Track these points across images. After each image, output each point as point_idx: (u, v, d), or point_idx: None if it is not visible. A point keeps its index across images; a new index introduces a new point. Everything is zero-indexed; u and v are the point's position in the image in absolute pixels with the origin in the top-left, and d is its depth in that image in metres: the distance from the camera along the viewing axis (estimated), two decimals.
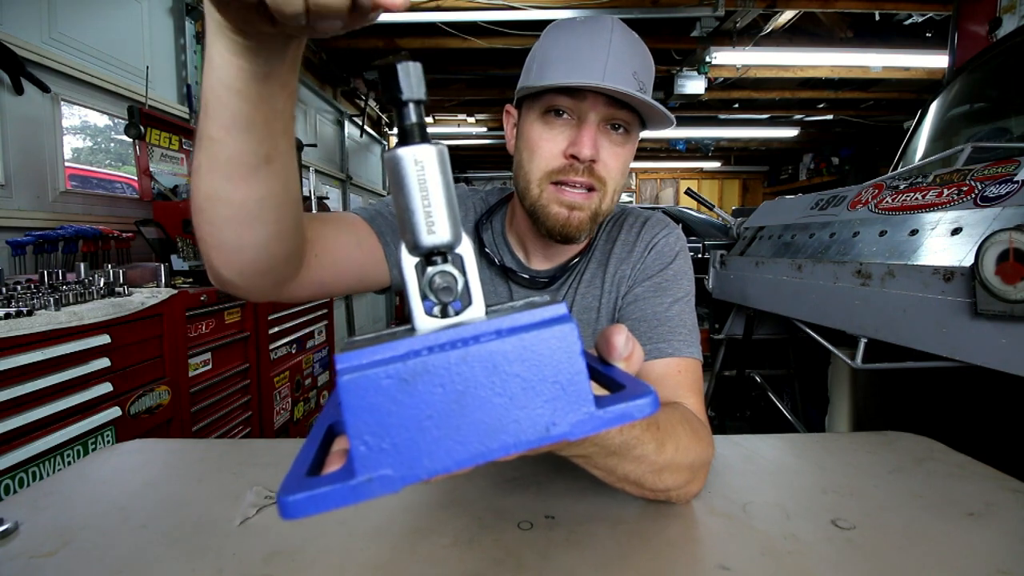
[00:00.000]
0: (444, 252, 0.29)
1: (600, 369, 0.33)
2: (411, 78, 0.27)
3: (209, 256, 0.52)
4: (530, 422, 0.25)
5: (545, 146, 0.70)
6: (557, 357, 0.25)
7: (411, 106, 0.28)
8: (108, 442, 1.41)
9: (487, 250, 0.82)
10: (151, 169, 2.21)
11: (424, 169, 0.27)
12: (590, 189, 0.70)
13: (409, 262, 0.29)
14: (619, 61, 0.65)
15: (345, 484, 0.23)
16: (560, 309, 0.26)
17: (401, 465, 0.24)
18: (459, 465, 0.24)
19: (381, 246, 0.74)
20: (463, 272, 0.29)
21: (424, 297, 0.28)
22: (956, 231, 1.22)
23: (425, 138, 0.28)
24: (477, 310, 0.29)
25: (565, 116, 0.69)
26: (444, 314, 0.28)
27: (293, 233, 0.55)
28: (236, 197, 0.47)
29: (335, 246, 0.68)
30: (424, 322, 0.28)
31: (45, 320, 1.21)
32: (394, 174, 0.28)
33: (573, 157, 0.68)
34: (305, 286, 0.64)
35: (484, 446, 0.24)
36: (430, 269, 0.28)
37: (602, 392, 0.29)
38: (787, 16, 3.80)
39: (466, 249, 0.29)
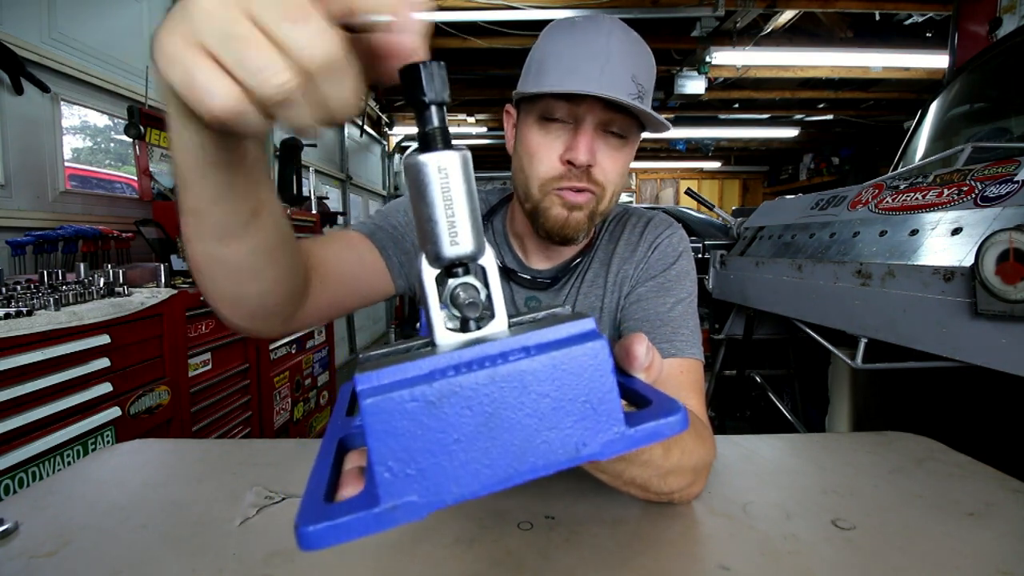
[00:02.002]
0: (466, 263, 0.27)
1: (621, 381, 0.32)
2: (435, 79, 0.26)
3: (216, 307, 0.53)
4: (560, 443, 0.24)
5: (542, 152, 0.70)
6: (588, 375, 0.24)
7: (434, 109, 0.26)
8: (108, 442, 1.41)
9: None
10: (151, 169, 2.21)
11: (448, 177, 0.26)
12: (588, 192, 0.70)
13: (429, 274, 0.27)
14: (617, 65, 0.65)
15: (369, 512, 0.22)
16: (589, 324, 0.25)
17: (427, 491, 0.22)
18: (487, 489, 0.23)
19: (383, 259, 0.75)
20: (486, 284, 0.28)
21: (444, 309, 0.27)
22: (956, 231, 1.22)
23: (448, 143, 0.26)
24: (500, 324, 0.27)
25: (561, 121, 0.69)
26: (465, 328, 0.27)
27: (292, 273, 0.55)
28: (231, 256, 0.46)
29: (338, 269, 0.69)
30: (446, 337, 0.27)
31: (45, 320, 1.21)
32: (416, 182, 0.26)
33: (569, 163, 0.68)
34: (313, 313, 0.64)
35: (513, 469, 0.23)
36: (452, 281, 0.27)
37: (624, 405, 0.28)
38: (787, 16, 3.80)
39: (489, 260, 0.28)
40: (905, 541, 0.53)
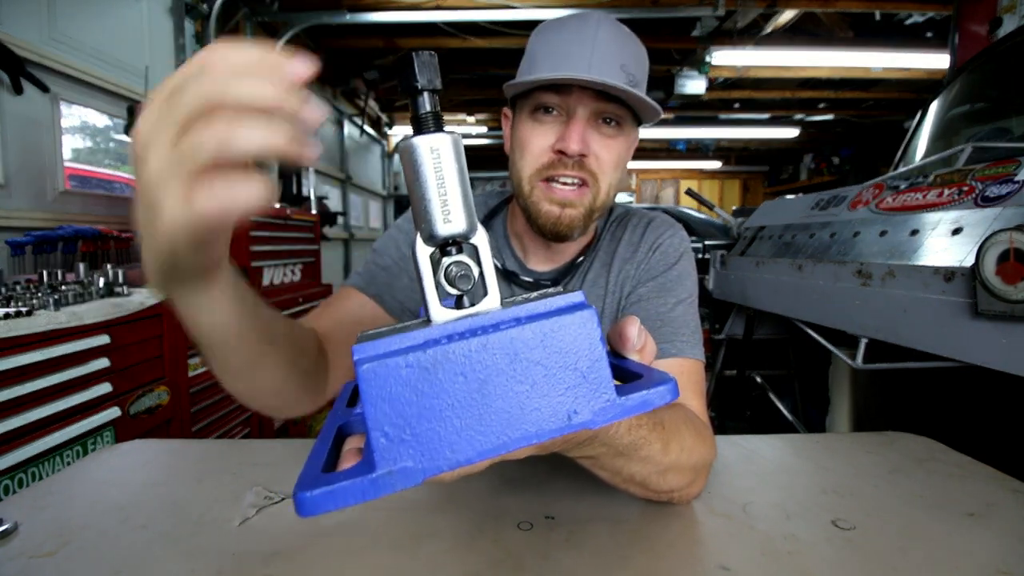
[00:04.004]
0: (459, 242, 0.28)
1: (614, 361, 0.32)
2: (426, 68, 0.27)
3: (250, 408, 0.60)
4: (551, 411, 0.24)
5: (534, 142, 0.70)
6: (578, 344, 0.25)
7: (426, 95, 0.27)
8: (108, 442, 1.41)
9: None
10: None
11: (440, 158, 0.27)
12: (582, 184, 0.70)
13: (424, 252, 0.28)
14: (605, 54, 0.65)
15: (365, 478, 0.22)
16: (578, 296, 0.26)
17: (422, 457, 0.23)
18: (481, 456, 0.24)
19: (382, 308, 0.77)
20: (478, 262, 0.29)
21: (438, 287, 0.28)
22: (957, 231, 1.22)
23: (440, 127, 0.27)
24: (493, 300, 0.28)
25: (554, 112, 0.69)
26: (459, 305, 0.28)
27: (313, 370, 0.61)
28: (255, 382, 0.53)
29: (343, 337, 0.72)
30: (440, 313, 0.27)
31: (45, 320, 1.21)
32: (410, 163, 0.27)
33: (561, 152, 0.68)
34: (334, 383, 0.69)
35: (507, 436, 0.24)
36: (445, 259, 0.28)
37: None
38: (787, 16, 3.80)
39: (481, 239, 0.29)
40: (905, 541, 0.53)
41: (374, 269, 0.80)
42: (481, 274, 0.28)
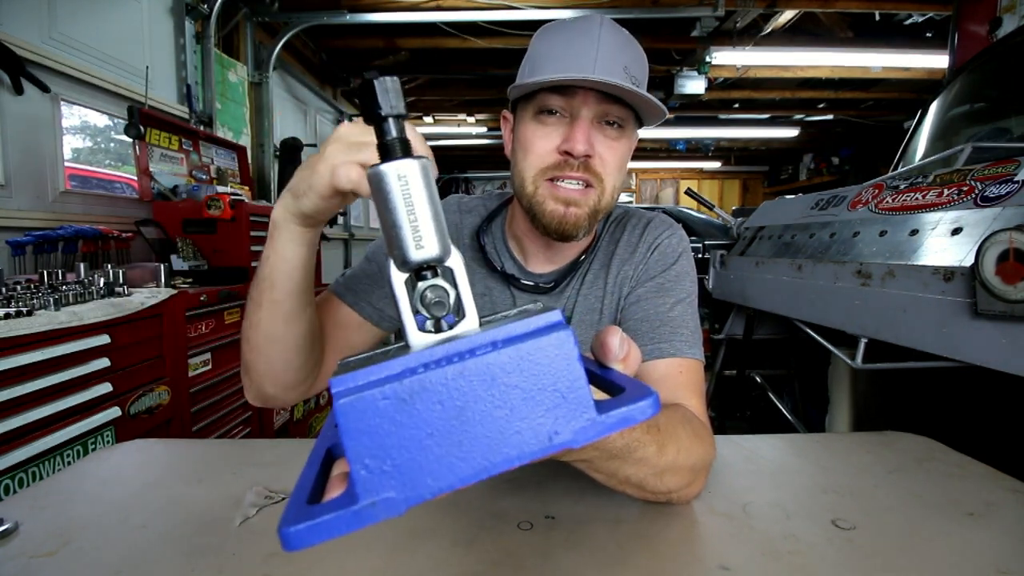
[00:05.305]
0: (434, 266, 0.28)
1: (597, 372, 0.33)
2: (389, 93, 0.27)
3: (260, 382, 0.66)
4: (532, 433, 0.24)
5: (539, 143, 0.70)
6: (555, 365, 0.25)
7: (391, 121, 0.28)
8: (108, 442, 1.41)
9: (489, 257, 0.82)
10: (151, 169, 2.21)
11: (408, 184, 0.27)
12: (587, 185, 0.70)
13: (399, 278, 0.28)
14: (609, 56, 0.65)
15: (348, 510, 0.23)
16: (555, 316, 0.26)
17: (404, 486, 0.23)
18: (463, 482, 0.24)
19: (359, 315, 0.79)
20: (454, 285, 0.29)
21: (416, 312, 0.28)
22: (956, 231, 1.22)
23: (408, 152, 0.27)
24: (471, 323, 0.28)
25: (558, 114, 0.69)
26: (438, 329, 0.28)
27: (315, 357, 0.69)
28: (290, 334, 0.62)
29: (330, 340, 0.76)
30: (418, 338, 0.28)
31: (45, 320, 1.21)
32: (378, 191, 0.27)
33: (567, 153, 0.68)
34: (323, 380, 0.73)
35: (487, 460, 0.24)
36: (421, 284, 0.28)
37: (602, 396, 0.28)
38: (787, 16, 3.80)
39: (456, 262, 0.29)
40: (905, 541, 0.53)
41: (359, 275, 0.80)
42: (458, 297, 0.29)
